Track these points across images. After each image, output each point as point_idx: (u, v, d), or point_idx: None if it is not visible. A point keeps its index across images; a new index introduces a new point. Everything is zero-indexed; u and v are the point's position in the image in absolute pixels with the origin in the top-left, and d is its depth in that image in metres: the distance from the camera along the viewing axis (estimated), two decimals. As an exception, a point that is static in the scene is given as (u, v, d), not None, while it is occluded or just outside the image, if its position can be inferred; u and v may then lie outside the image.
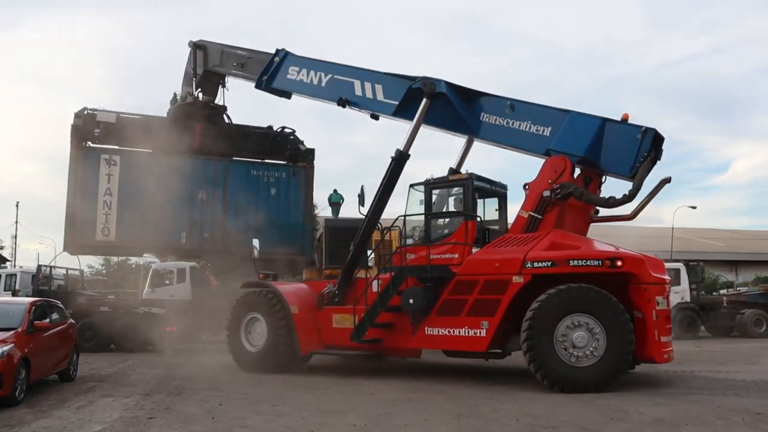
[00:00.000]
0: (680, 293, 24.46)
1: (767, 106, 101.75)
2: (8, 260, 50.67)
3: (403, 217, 12.13)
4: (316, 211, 33.69)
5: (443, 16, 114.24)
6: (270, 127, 17.59)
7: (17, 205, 62.04)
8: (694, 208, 36.79)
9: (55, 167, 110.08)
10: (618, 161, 11.32)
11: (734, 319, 24.87)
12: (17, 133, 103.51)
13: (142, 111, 17.10)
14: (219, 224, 16.74)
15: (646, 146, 10.98)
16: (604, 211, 11.84)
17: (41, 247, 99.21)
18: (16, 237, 59.27)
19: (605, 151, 11.40)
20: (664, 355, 10.55)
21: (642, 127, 11.12)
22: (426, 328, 11.44)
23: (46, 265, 21.38)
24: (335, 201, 20.08)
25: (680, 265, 25.09)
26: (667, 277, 11.36)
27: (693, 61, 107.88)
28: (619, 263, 10.16)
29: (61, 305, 12.41)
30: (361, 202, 12.61)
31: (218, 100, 17.51)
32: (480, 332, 10.80)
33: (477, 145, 13.46)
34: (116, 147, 16.58)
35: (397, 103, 13.20)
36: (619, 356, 9.87)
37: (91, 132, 16.31)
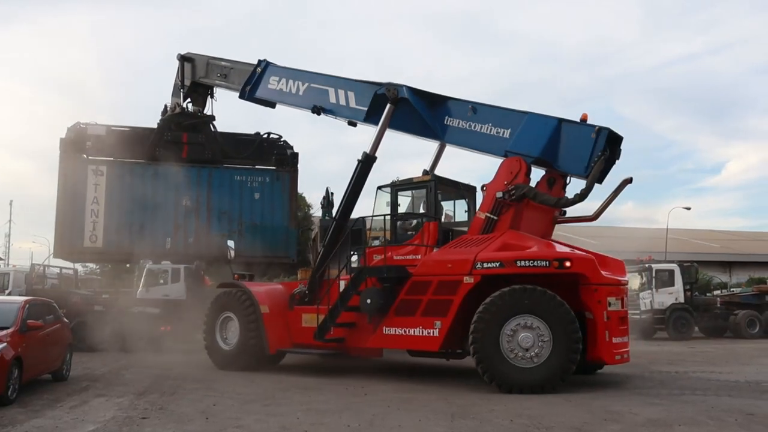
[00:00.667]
0: (674, 294, 24.59)
1: (761, 108, 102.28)
2: (2, 259, 50.53)
3: (363, 218, 12.56)
4: (311, 212, 33.75)
5: (441, 16, 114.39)
6: (257, 134, 17.89)
7: (11, 204, 62.08)
8: (688, 209, 37.04)
9: (49, 166, 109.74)
10: (573, 161, 11.39)
11: (728, 320, 24.99)
12: (10, 131, 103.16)
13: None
14: (203, 229, 17.19)
15: (601, 146, 11.03)
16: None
17: (35, 246, 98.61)
18: (9, 236, 59.17)
19: (561, 152, 11.48)
20: (616, 356, 10.59)
21: (596, 126, 11.16)
22: (384, 328, 11.59)
23: (39, 264, 21.33)
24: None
25: (674, 266, 25.21)
26: (624, 278, 11.43)
27: (688, 62, 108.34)
28: (568, 264, 10.21)
29: (54, 304, 12.34)
30: (327, 204, 12.86)
31: (207, 110, 17.92)
32: (433, 332, 10.92)
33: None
34: (104, 158, 17.17)
35: (366, 109, 13.47)
36: (565, 357, 9.91)
37: (83, 145, 17.05)
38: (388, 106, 12.60)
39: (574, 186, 11.59)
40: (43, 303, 11.51)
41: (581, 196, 11.15)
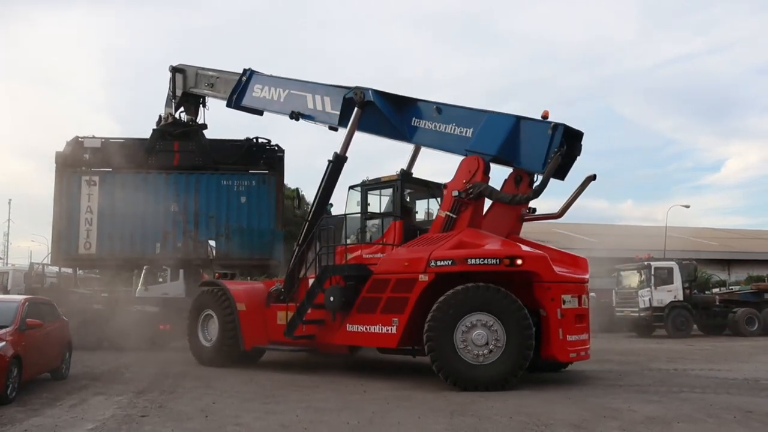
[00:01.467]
0: (673, 292, 24.63)
1: (760, 106, 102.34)
2: (1, 258, 50.51)
3: (332, 217, 12.92)
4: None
5: (441, 16, 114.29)
6: (248, 139, 18.26)
7: (9, 203, 62.05)
8: (687, 207, 37.05)
9: (47, 165, 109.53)
10: (531, 158, 11.43)
11: (726, 318, 25.02)
12: (9, 131, 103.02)
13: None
14: (190, 234, 17.68)
15: (557, 142, 11.03)
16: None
17: (34, 244, 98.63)
18: (8, 235, 59.16)
19: (520, 149, 11.53)
20: (570, 354, 10.62)
21: (551, 122, 11.19)
22: (348, 325, 11.78)
23: (38, 263, 21.31)
24: None
25: (673, 264, 25.23)
26: (585, 276, 11.45)
27: (687, 62, 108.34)
28: (519, 262, 10.27)
29: (53, 303, 12.34)
30: (297, 205, 12.98)
31: (200, 119, 18.57)
32: (391, 329, 11.08)
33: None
34: (96, 170, 18.06)
35: (339, 113, 13.69)
36: (518, 354, 9.95)
37: (81, 157, 17.96)
38: (355, 109, 12.80)
39: (553, 184, 11.66)
40: (42, 302, 11.50)
41: (536, 193, 11.23)
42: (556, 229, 49.32)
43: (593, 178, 11.60)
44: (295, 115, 14.54)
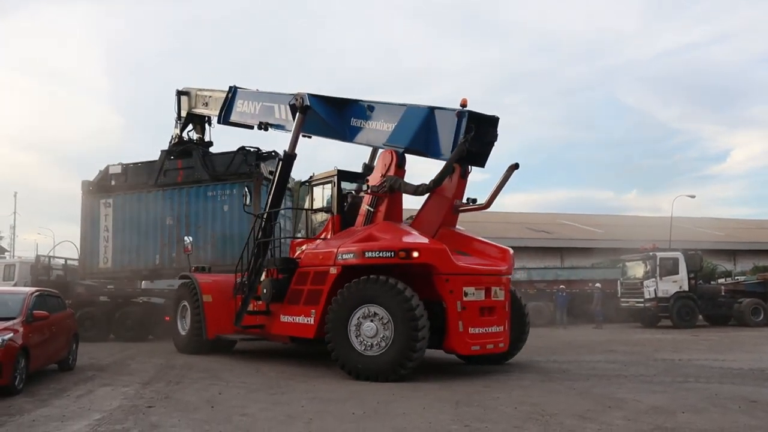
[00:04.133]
0: (678, 282, 24.59)
1: (766, 96, 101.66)
2: (7, 251, 50.74)
3: (276, 212, 13.44)
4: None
5: (442, 7, 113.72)
6: (240, 148, 18.88)
7: (15, 196, 62.29)
8: (692, 197, 36.92)
9: (54, 158, 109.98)
10: (441, 147, 11.35)
11: (732, 308, 24.98)
12: (15, 123, 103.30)
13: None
14: (183, 244, 18.32)
15: (463, 128, 10.89)
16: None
17: (40, 237, 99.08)
18: (14, 227, 59.42)
19: (432, 139, 11.49)
20: (472, 347, 10.66)
21: (456, 110, 11.09)
22: (281, 316, 12.23)
23: (44, 255, 21.42)
24: None
25: (679, 254, 25.17)
26: (502, 268, 11.42)
27: (691, 51, 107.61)
28: (415, 254, 10.34)
29: (59, 295, 12.42)
30: (246, 201, 13.55)
31: (207, 137, 19.66)
32: (309, 320, 11.40)
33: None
34: (111, 192, 19.83)
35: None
36: (405, 345, 9.99)
37: (108, 183, 19.97)
38: (297, 114, 13.03)
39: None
40: (48, 294, 11.57)
41: (435, 182, 11.20)
42: (560, 221, 49.29)
43: (516, 166, 11.69)
44: (263, 126, 15.05)
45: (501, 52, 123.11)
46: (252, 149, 18.74)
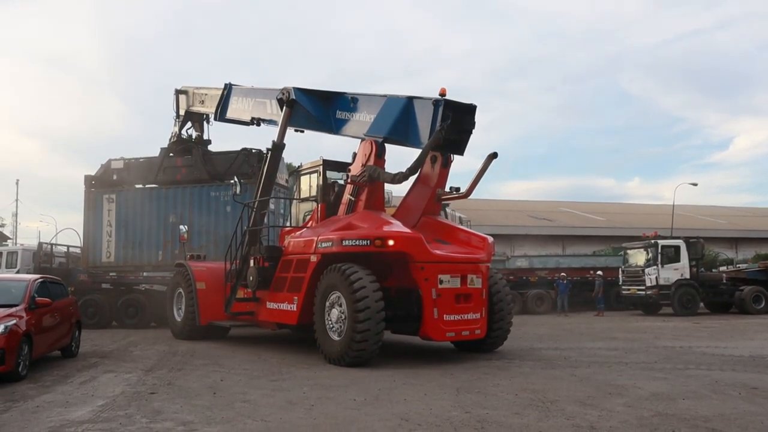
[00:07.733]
0: (680, 270, 24.58)
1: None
2: (9, 238, 50.83)
3: (265, 201, 13.52)
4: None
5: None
6: (244, 149, 19.14)
7: (17, 183, 62.40)
8: (695, 185, 36.99)
9: (55, 145, 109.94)
10: (418, 135, 11.35)
11: (733, 296, 24.99)
12: (16, 111, 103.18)
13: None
14: (186, 243, 18.82)
15: (439, 117, 10.87)
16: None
17: (42, 225, 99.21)
18: (16, 215, 59.50)
19: (410, 128, 11.49)
20: (447, 334, 10.80)
21: (432, 98, 11.07)
22: (267, 303, 12.50)
23: (47, 243, 21.46)
24: None
25: (680, 242, 25.15)
26: (479, 256, 11.41)
27: (695, 38, 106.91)
28: (391, 243, 10.43)
29: (62, 282, 12.45)
30: (236, 191, 13.42)
31: (206, 135, 19.82)
32: (292, 307, 11.63)
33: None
34: (113, 188, 20.16)
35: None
36: (352, 330, 10.12)
37: (110, 178, 20.32)
38: (284, 108, 13.14)
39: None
40: (51, 281, 11.59)
41: (410, 170, 11.21)
42: (562, 208, 49.24)
43: (495, 155, 11.77)
44: (255, 121, 15.24)
45: (507, 38, 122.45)
46: (254, 150, 18.89)
